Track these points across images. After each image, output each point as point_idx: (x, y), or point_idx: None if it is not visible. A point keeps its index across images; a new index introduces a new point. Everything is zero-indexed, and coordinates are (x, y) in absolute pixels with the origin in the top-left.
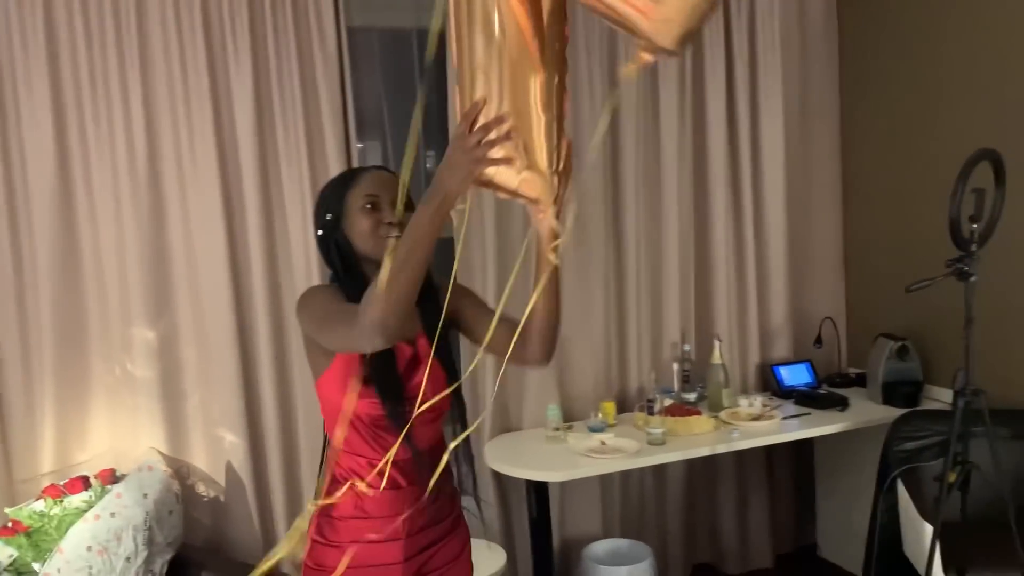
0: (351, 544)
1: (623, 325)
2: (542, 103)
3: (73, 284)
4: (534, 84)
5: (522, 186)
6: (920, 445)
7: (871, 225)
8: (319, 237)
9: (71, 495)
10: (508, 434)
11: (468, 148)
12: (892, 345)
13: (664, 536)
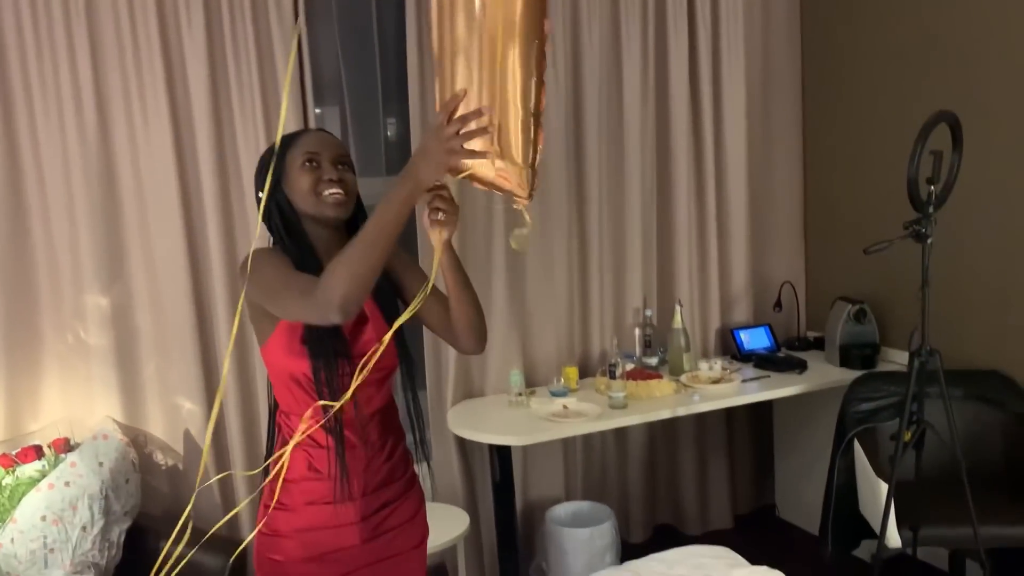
0: (306, 505)
1: (585, 291)
2: (521, 96)
3: (21, 250)
4: (513, 77)
5: (498, 178)
6: (876, 406)
7: (831, 190)
8: (260, 200)
9: (23, 464)
10: (471, 400)
11: (445, 138)
12: (850, 308)
13: (625, 498)
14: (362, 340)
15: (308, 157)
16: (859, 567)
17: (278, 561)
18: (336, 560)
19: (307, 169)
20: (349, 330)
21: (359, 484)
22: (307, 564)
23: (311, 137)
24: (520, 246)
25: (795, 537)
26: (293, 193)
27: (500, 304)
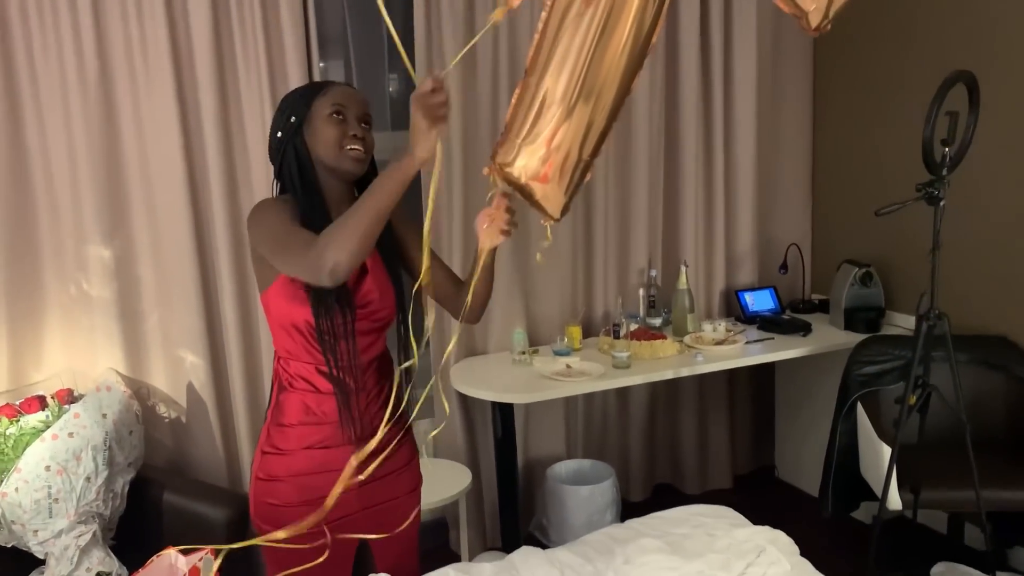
0: (303, 450)
1: (590, 251)
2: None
3: (23, 200)
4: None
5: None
6: (880, 369)
7: (840, 151)
8: (277, 139)
9: (27, 414)
10: (474, 357)
11: (432, 106)
12: (856, 271)
13: (626, 457)
14: (362, 290)
15: (336, 109)
16: (858, 528)
17: (274, 505)
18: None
19: (333, 121)
20: (351, 281)
21: (357, 429)
22: (303, 508)
23: (341, 90)
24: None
25: (794, 498)
26: (315, 141)
27: (504, 263)
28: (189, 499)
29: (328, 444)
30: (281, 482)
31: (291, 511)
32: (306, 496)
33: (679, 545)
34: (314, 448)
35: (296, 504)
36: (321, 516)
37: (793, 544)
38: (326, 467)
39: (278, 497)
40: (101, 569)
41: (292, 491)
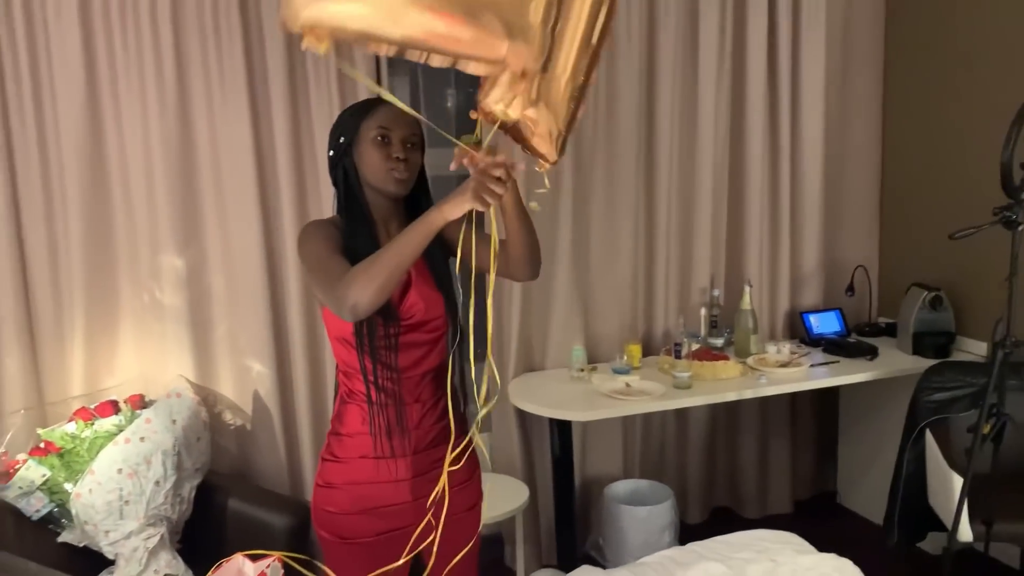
0: (359, 459)
1: (651, 268)
2: (575, 59)
3: (101, 210)
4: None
5: (533, 135)
6: (950, 396)
7: (910, 171)
8: (330, 158)
9: (101, 418)
10: (532, 373)
11: (485, 180)
12: (925, 295)
13: (684, 479)
14: (406, 304)
15: (381, 133)
16: (923, 560)
17: (331, 512)
18: (386, 515)
19: (377, 143)
20: (396, 293)
21: (410, 441)
22: (358, 516)
23: (386, 111)
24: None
25: (857, 525)
26: (362, 162)
27: (563, 279)
28: (252, 506)
29: (381, 455)
30: (337, 489)
31: (346, 519)
32: (361, 505)
33: (741, 570)
34: (368, 458)
35: (351, 512)
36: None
37: (860, 573)
38: (378, 478)
39: (335, 504)
40: (168, 571)
41: (347, 499)
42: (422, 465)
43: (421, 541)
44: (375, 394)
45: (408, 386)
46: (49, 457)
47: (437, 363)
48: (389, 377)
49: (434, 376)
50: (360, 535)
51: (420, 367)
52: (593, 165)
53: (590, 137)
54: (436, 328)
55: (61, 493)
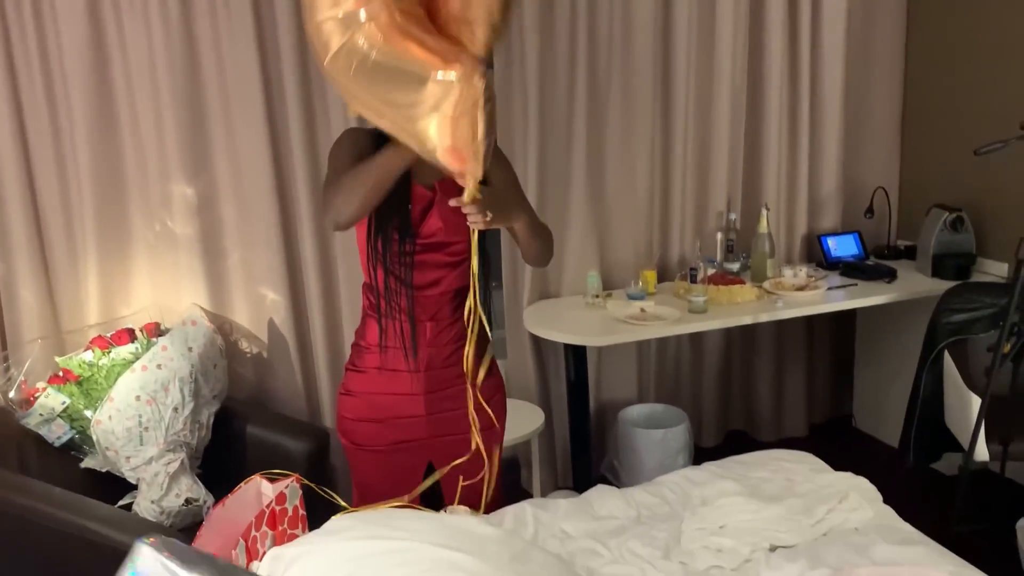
0: (375, 370)
1: (667, 192)
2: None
3: (109, 139)
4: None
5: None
6: (970, 317)
7: (933, 89)
8: None
9: (118, 346)
10: (547, 300)
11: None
12: (946, 216)
13: (699, 403)
14: (427, 225)
15: None
16: (939, 480)
17: (347, 418)
18: (399, 426)
19: None
20: (416, 212)
21: (423, 357)
22: (371, 424)
23: None
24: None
25: (872, 448)
26: None
27: (578, 205)
28: (271, 431)
29: (396, 368)
30: (355, 397)
31: (360, 425)
32: (375, 414)
33: (758, 489)
34: (384, 370)
35: (365, 419)
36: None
37: (876, 491)
38: (392, 389)
39: (351, 411)
40: (189, 495)
41: (363, 407)
42: (437, 381)
43: (434, 453)
44: (384, 306)
45: (424, 304)
46: (68, 385)
47: (457, 285)
48: (403, 293)
49: (452, 297)
50: (374, 443)
51: (438, 287)
52: (609, 88)
53: (605, 59)
54: (458, 252)
55: (81, 420)
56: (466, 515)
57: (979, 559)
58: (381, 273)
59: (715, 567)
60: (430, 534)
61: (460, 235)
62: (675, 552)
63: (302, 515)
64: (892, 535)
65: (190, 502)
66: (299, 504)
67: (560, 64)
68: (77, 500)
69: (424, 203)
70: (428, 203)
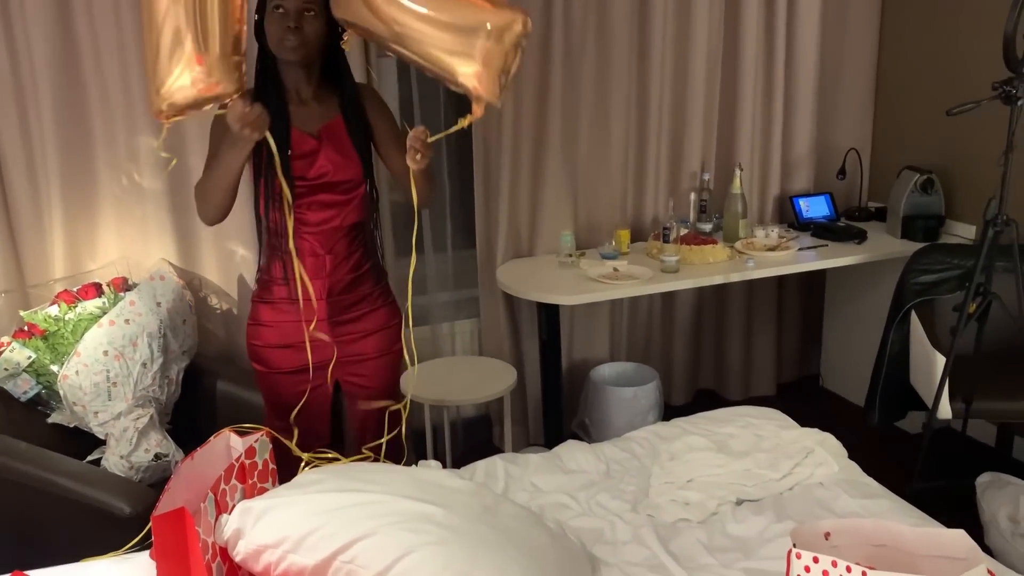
0: (280, 300)
1: (642, 153)
2: None
3: (74, 91)
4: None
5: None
6: (937, 278)
7: (907, 53)
8: (256, 23)
9: (85, 301)
10: (520, 259)
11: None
12: (917, 178)
13: (669, 362)
14: (315, 167)
15: (276, 3)
16: (903, 438)
17: (258, 346)
18: (304, 349)
19: (275, 16)
20: (301, 156)
21: (323, 286)
22: (280, 350)
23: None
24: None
25: (838, 406)
26: (265, 33)
27: (553, 165)
28: (240, 387)
29: (295, 298)
30: (265, 326)
31: (270, 351)
32: (284, 340)
33: (725, 444)
34: (290, 299)
35: (275, 346)
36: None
37: (841, 447)
38: (297, 317)
39: (261, 339)
40: (159, 451)
41: (272, 334)
42: (338, 308)
43: (338, 372)
44: (283, 244)
45: (321, 239)
46: (33, 340)
47: (353, 220)
48: (296, 231)
49: (348, 231)
50: (283, 366)
51: (332, 222)
52: (584, 48)
53: (580, 19)
54: (347, 191)
55: (48, 375)
56: (437, 469)
57: (940, 514)
58: (273, 213)
59: (682, 520)
60: (400, 487)
61: (348, 174)
62: (643, 505)
63: (272, 469)
64: (856, 490)
65: (159, 457)
66: (269, 458)
67: (536, 23)
68: (44, 455)
69: (309, 147)
70: (314, 148)
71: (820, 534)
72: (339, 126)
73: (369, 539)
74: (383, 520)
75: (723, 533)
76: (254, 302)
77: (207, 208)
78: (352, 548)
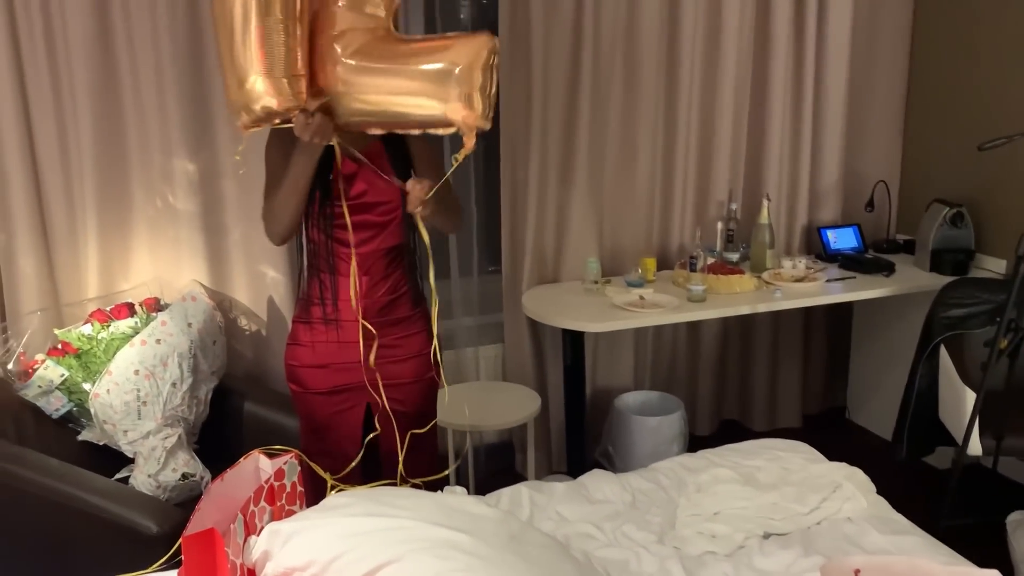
0: (317, 321)
1: (669, 180)
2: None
3: (112, 114)
4: None
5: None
6: (967, 312)
7: (938, 85)
8: None
9: (117, 320)
10: (545, 285)
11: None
12: (946, 211)
13: (694, 392)
14: (354, 189)
15: None
16: (931, 474)
17: (294, 366)
18: (340, 370)
19: None
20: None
21: (360, 308)
22: (316, 369)
23: None
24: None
25: (865, 440)
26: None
27: (580, 191)
28: (268, 409)
29: (332, 319)
30: (300, 346)
31: (305, 370)
32: (318, 360)
33: (752, 476)
34: (327, 319)
35: (309, 365)
36: None
37: (870, 482)
38: (332, 338)
39: (297, 359)
40: (186, 470)
41: (308, 354)
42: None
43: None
44: (321, 263)
45: (358, 260)
46: (67, 358)
47: (389, 244)
48: (334, 251)
49: (385, 254)
50: (318, 386)
51: (370, 244)
52: (612, 73)
53: (609, 45)
54: (386, 212)
55: (80, 393)
56: (463, 495)
57: (969, 552)
58: (314, 233)
59: (709, 553)
60: (427, 512)
61: (386, 196)
62: (669, 537)
63: (300, 491)
64: (885, 525)
65: (187, 477)
66: (297, 480)
67: (564, 50)
68: (74, 472)
69: (348, 169)
70: (353, 169)
71: (850, 571)
72: (379, 149)
73: (396, 564)
74: (411, 546)
75: (750, 567)
76: (294, 322)
77: (279, 224)
78: (379, 573)
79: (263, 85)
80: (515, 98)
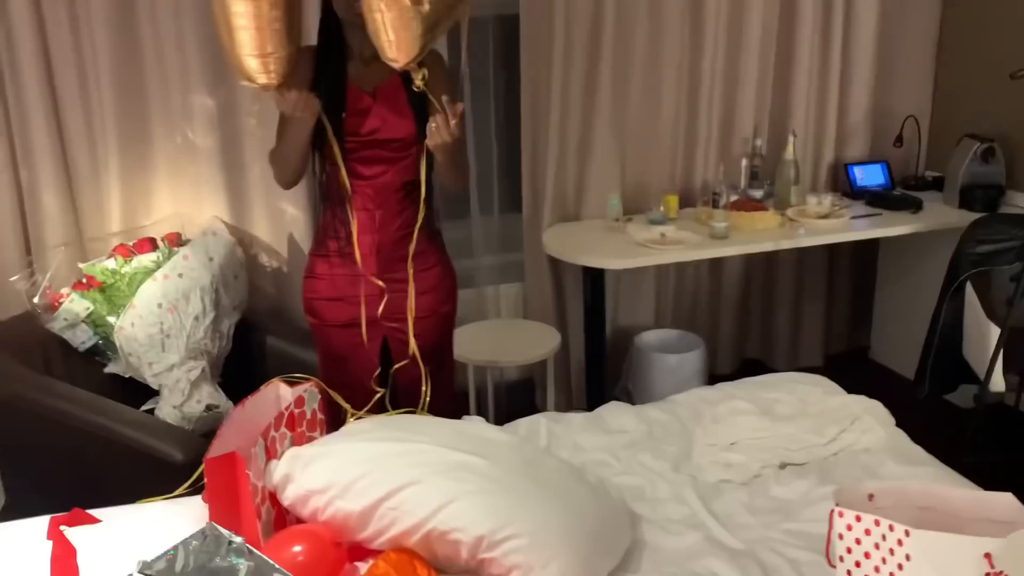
0: (333, 254)
1: (693, 116)
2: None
3: (130, 49)
4: None
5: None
6: (995, 248)
7: (970, 15)
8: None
9: (140, 255)
10: (567, 223)
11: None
12: (977, 146)
13: (715, 330)
14: (366, 125)
15: None
16: (953, 412)
17: (311, 299)
18: (355, 302)
19: None
20: (356, 113)
21: (372, 242)
22: (331, 302)
23: None
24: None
25: (888, 379)
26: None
27: (601, 128)
28: (291, 343)
29: (347, 251)
30: (318, 279)
31: (321, 303)
32: (335, 293)
33: (770, 408)
34: (343, 253)
35: (326, 298)
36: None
37: (889, 415)
38: (351, 271)
39: (314, 291)
40: (210, 402)
41: (325, 287)
42: (386, 264)
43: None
44: (334, 196)
45: (372, 194)
46: (91, 291)
47: (405, 179)
48: (352, 184)
49: (398, 189)
50: (335, 319)
51: (383, 177)
52: (636, 9)
53: None
54: (401, 148)
55: (105, 326)
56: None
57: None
58: (328, 167)
59: (724, 481)
60: (445, 438)
61: (400, 132)
62: (685, 466)
63: (320, 419)
64: (903, 456)
65: (211, 408)
66: (317, 408)
67: None
68: (103, 403)
69: (363, 105)
70: (368, 105)
71: (864, 496)
72: (396, 85)
73: (414, 487)
74: (428, 469)
75: (765, 495)
76: (310, 256)
77: (283, 173)
78: (397, 495)
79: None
80: (536, 30)
